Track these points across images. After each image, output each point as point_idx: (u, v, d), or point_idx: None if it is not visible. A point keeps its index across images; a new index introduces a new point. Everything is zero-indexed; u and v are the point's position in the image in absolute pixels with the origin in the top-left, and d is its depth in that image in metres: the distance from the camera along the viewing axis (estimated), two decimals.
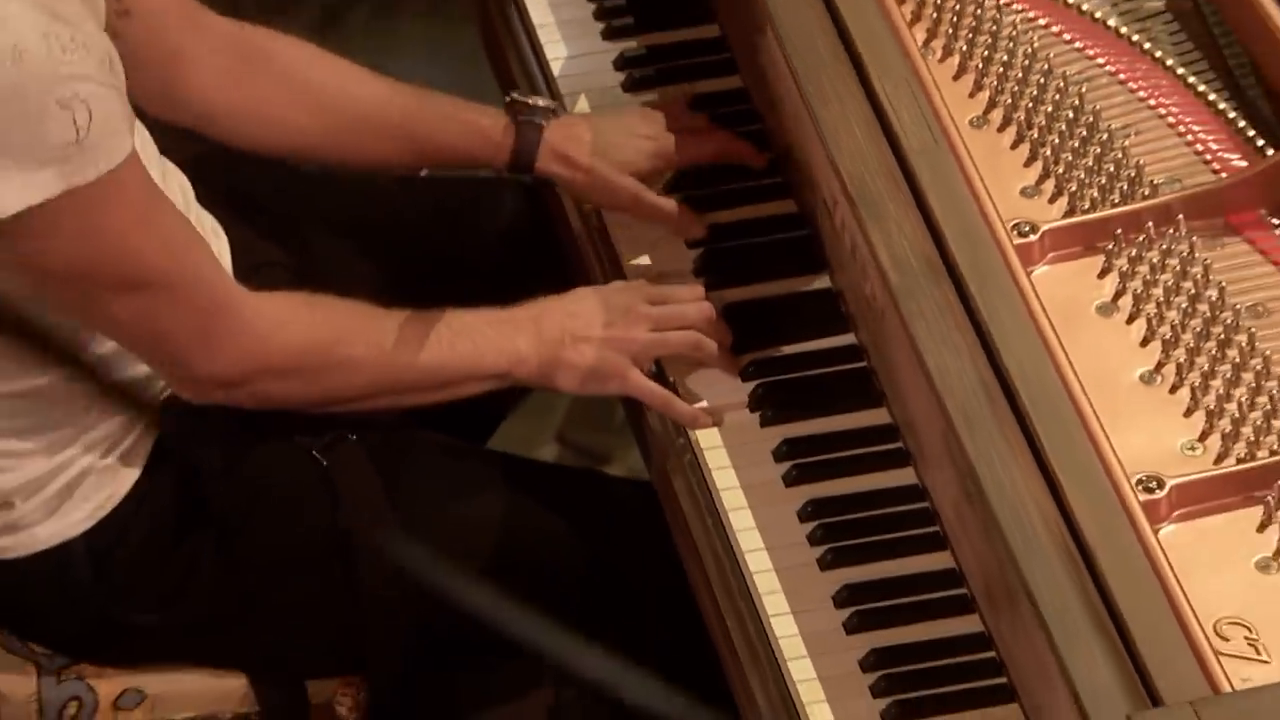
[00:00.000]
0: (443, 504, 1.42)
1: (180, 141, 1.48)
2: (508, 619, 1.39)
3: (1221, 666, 0.98)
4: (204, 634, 1.40)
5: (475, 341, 1.36)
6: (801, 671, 1.21)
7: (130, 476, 1.35)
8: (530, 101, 1.49)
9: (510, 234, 1.65)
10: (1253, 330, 1.15)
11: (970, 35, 1.35)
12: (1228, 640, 1.01)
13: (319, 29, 1.81)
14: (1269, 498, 1.06)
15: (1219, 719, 0.92)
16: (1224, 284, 1.17)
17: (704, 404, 1.36)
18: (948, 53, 1.36)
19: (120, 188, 1.21)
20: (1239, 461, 1.10)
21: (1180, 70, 1.36)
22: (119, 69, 1.22)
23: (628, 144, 1.47)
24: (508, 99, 1.50)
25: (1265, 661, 1.00)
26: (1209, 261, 1.20)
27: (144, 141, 1.31)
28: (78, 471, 1.33)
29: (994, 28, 1.34)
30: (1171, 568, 1.02)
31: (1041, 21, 1.39)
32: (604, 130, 1.48)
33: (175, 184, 1.39)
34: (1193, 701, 0.93)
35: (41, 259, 1.21)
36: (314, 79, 1.50)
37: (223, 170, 1.52)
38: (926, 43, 1.36)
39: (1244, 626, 1.02)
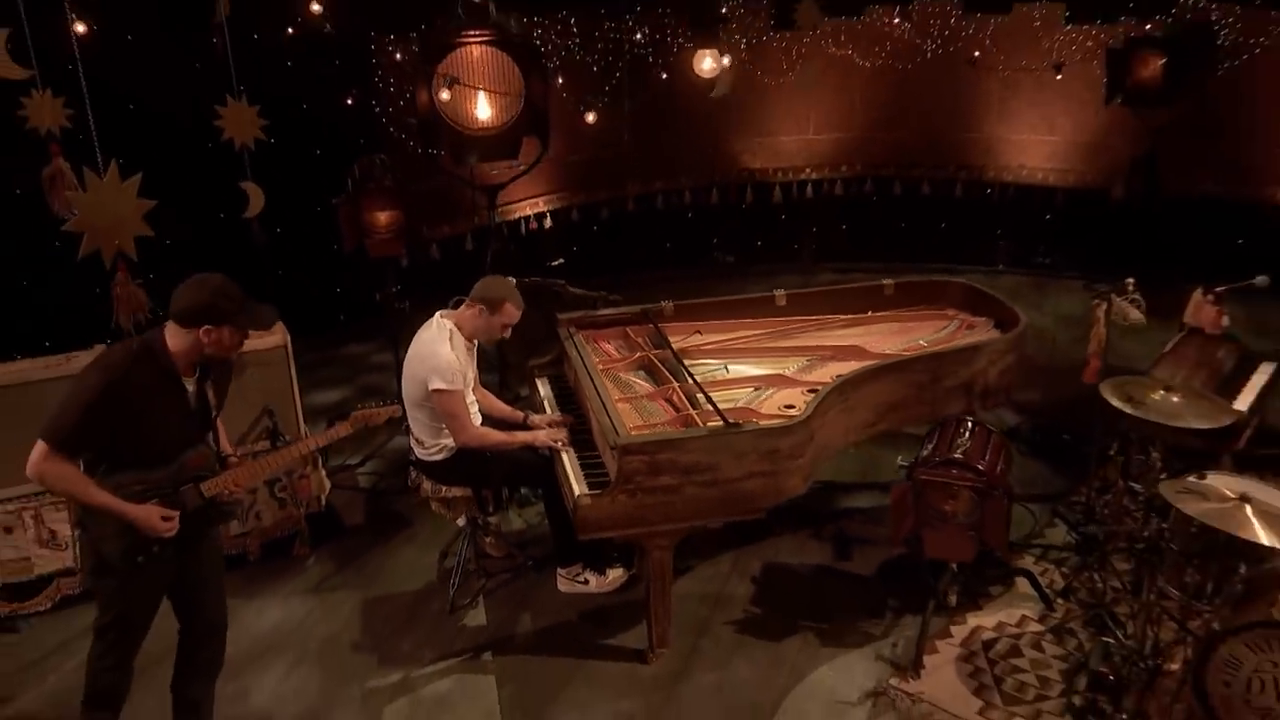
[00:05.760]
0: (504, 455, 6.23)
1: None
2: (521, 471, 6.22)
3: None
4: (455, 476, 6.21)
5: (516, 439, 6.17)
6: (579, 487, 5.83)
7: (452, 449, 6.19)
8: (536, 415, 6.50)
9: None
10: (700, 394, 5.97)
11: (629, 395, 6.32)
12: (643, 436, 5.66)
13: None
14: (677, 414, 5.82)
15: (636, 444, 5.54)
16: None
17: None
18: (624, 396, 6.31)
19: (456, 393, 6.02)
20: (680, 414, 5.92)
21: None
22: (469, 377, 6.19)
23: (547, 420, 6.43)
24: (524, 414, 6.50)
25: None
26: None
27: (467, 381, 6.20)
28: (447, 443, 6.16)
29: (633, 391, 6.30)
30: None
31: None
32: (541, 419, 6.45)
33: (473, 390, 6.32)
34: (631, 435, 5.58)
35: (437, 400, 6.03)
36: (495, 401, 6.58)
37: None
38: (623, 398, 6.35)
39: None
